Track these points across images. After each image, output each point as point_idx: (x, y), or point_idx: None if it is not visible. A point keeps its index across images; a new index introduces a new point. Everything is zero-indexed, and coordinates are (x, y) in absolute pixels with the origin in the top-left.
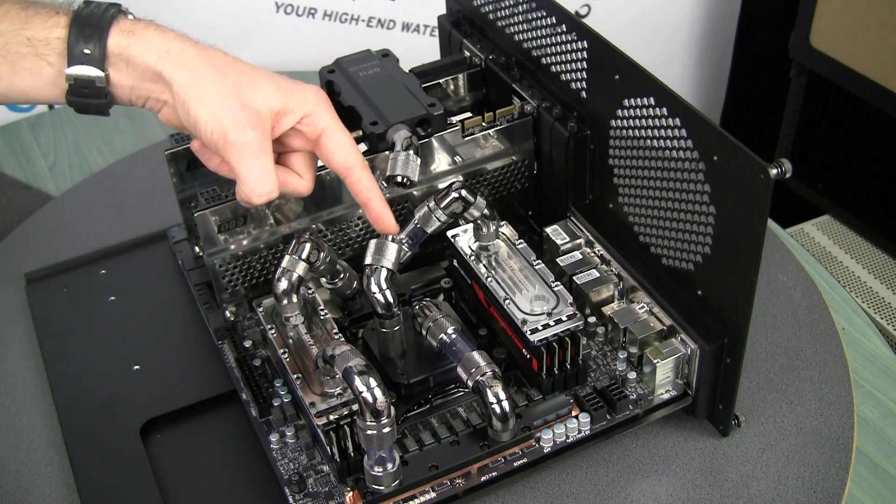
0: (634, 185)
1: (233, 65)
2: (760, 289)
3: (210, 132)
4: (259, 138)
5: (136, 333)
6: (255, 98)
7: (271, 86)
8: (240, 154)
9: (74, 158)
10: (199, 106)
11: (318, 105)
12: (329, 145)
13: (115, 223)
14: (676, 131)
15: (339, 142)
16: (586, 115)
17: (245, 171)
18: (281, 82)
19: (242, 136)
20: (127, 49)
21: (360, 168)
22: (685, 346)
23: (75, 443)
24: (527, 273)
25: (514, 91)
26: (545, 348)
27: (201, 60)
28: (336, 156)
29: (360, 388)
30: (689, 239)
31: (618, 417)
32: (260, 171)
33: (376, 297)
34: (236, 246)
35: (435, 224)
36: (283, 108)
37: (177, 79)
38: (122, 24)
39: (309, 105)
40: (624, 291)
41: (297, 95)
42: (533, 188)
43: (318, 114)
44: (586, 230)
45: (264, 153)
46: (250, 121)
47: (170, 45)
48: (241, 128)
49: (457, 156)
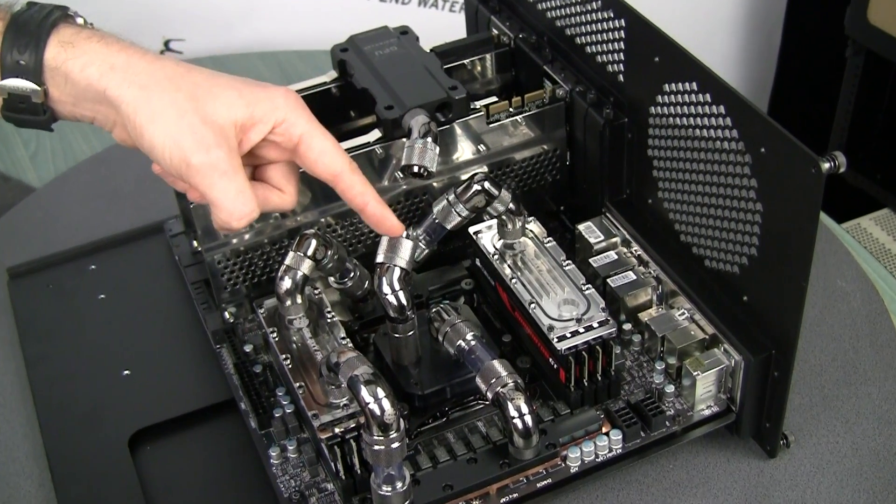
0: (675, 178)
1: (187, 75)
2: (815, 294)
3: (169, 157)
4: (226, 156)
5: (126, 335)
6: (215, 111)
7: (233, 95)
8: (208, 178)
9: (58, 146)
10: (152, 128)
11: (291, 110)
12: (310, 153)
13: (105, 214)
14: (721, 120)
15: (320, 148)
16: (624, 101)
17: (217, 195)
18: (244, 89)
19: (207, 158)
20: (65, 63)
21: (350, 172)
22: (729, 358)
23: (58, 454)
24: (555, 274)
25: (546, 73)
26: (573, 357)
27: (150, 75)
28: (319, 164)
29: (367, 399)
30: (734, 239)
31: (653, 435)
32: (235, 193)
33: (388, 298)
34: (237, 241)
35: (455, 219)
36: (250, 118)
37: (124, 98)
38: (63, 33)
39: (279, 112)
40: (663, 296)
41: (263, 102)
42: (564, 181)
43: (292, 120)
44: (623, 228)
45: (235, 172)
46: (213, 138)
47: (114, 58)
48: (204, 148)
49: (481, 144)
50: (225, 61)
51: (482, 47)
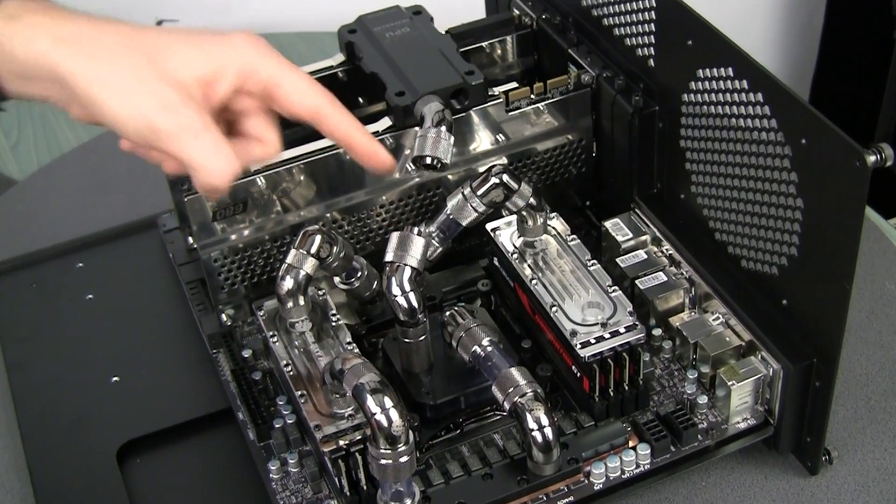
0: (710, 171)
1: (138, 36)
2: (861, 297)
3: (134, 126)
4: (196, 114)
5: (116, 339)
6: (175, 70)
7: (191, 49)
8: (179, 140)
9: (41, 135)
10: (111, 99)
11: (255, 54)
12: (284, 95)
13: (93, 208)
14: (759, 108)
15: (293, 87)
16: (654, 88)
17: (193, 156)
18: (203, 41)
19: (175, 120)
20: (10, 40)
21: (330, 106)
22: (767, 366)
23: (40, 467)
24: (579, 275)
25: (571, 57)
26: (598, 365)
27: (100, 42)
28: (296, 104)
29: (373, 409)
30: (772, 237)
31: (684, 450)
32: (211, 150)
33: (398, 300)
34: (236, 237)
35: (471, 215)
36: (213, 72)
37: (76, 71)
38: (7, 7)
39: (243, 57)
40: (696, 299)
41: (224, 51)
42: (590, 174)
43: (258, 64)
44: (653, 225)
45: (207, 128)
46: (178, 98)
47: (61, 30)
48: (171, 110)
49: (499, 134)
50: None
51: (502, 29)
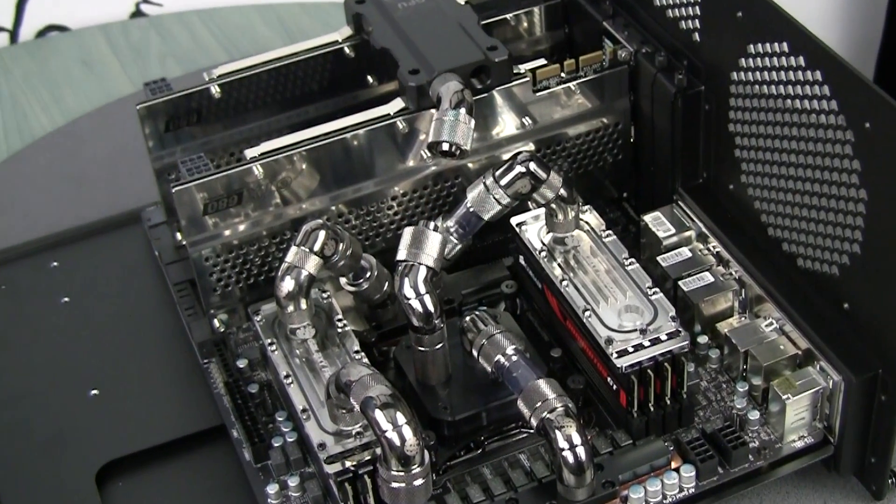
0: (762, 159)
1: None
2: None
3: None
4: None
5: (94, 347)
6: None
7: None
8: None
9: (11, 119)
10: None
11: None
12: None
13: (69, 201)
14: (817, 88)
15: None
16: (700, 65)
17: None
18: None
19: None
20: None
21: None
22: (826, 378)
23: (11, 491)
24: (616, 276)
25: (606, 31)
26: (637, 377)
27: None
28: None
29: (384, 426)
30: (833, 233)
31: (734, 472)
32: None
33: (412, 304)
34: (230, 233)
35: (494, 208)
36: None
37: None
38: None
39: None
40: (746, 303)
41: None
42: (628, 162)
43: None
44: (698, 219)
45: None
46: None
47: None
48: None
49: (526, 117)
50: (215, 15)
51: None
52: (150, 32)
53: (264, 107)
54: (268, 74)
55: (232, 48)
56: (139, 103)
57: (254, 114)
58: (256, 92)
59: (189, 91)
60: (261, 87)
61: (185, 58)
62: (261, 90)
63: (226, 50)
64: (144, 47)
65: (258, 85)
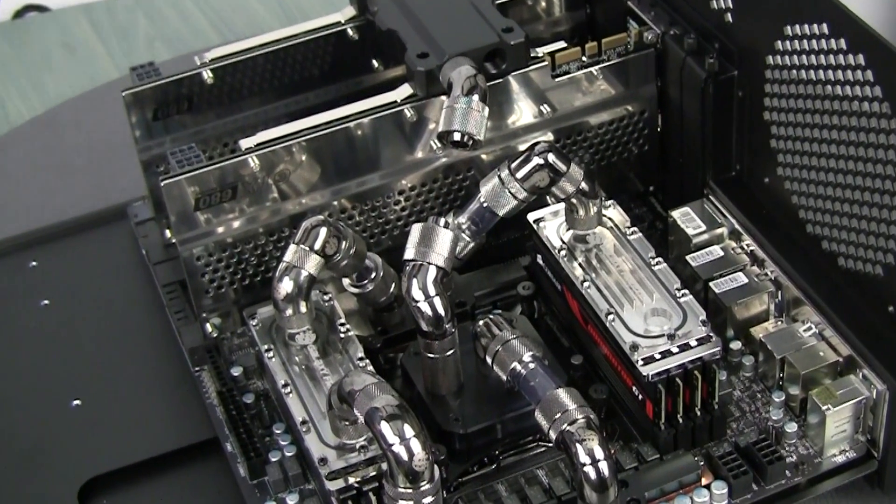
0: (800, 150)
1: None
2: None
3: None
4: None
5: (77, 354)
6: None
7: None
8: None
9: None
10: None
11: None
12: None
13: (50, 196)
14: (859, 73)
15: None
16: (732, 49)
17: None
18: None
19: None
20: None
21: None
22: (869, 387)
23: None
24: (641, 276)
25: (630, 11)
26: (664, 386)
27: None
28: None
29: (390, 440)
30: (876, 230)
31: (769, 488)
32: None
33: (421, 307)
34: (223, 230)
35: (510, 203)
36: None
37: None
38: None
39: None
40: (783, 305)
41: None
42: (654, 153)
43: None
44: (731, 215)
45: None
46: None
47: None
48: None
49: (544, 104)
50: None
51: None
52: (136, 13)
53: (260, 93)
54: (264, 58)
55: (226, 30)
56: (125, 90)
57: (249, 101)
58: (252, 77)
59: (179, 76)
60: (257, 72)
61: (174, 40)
62: (257, 75)
63: (219, 32)
64: (131, 29)
65: (254, 70)
